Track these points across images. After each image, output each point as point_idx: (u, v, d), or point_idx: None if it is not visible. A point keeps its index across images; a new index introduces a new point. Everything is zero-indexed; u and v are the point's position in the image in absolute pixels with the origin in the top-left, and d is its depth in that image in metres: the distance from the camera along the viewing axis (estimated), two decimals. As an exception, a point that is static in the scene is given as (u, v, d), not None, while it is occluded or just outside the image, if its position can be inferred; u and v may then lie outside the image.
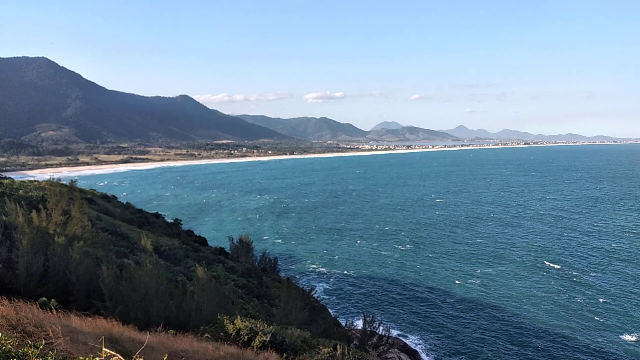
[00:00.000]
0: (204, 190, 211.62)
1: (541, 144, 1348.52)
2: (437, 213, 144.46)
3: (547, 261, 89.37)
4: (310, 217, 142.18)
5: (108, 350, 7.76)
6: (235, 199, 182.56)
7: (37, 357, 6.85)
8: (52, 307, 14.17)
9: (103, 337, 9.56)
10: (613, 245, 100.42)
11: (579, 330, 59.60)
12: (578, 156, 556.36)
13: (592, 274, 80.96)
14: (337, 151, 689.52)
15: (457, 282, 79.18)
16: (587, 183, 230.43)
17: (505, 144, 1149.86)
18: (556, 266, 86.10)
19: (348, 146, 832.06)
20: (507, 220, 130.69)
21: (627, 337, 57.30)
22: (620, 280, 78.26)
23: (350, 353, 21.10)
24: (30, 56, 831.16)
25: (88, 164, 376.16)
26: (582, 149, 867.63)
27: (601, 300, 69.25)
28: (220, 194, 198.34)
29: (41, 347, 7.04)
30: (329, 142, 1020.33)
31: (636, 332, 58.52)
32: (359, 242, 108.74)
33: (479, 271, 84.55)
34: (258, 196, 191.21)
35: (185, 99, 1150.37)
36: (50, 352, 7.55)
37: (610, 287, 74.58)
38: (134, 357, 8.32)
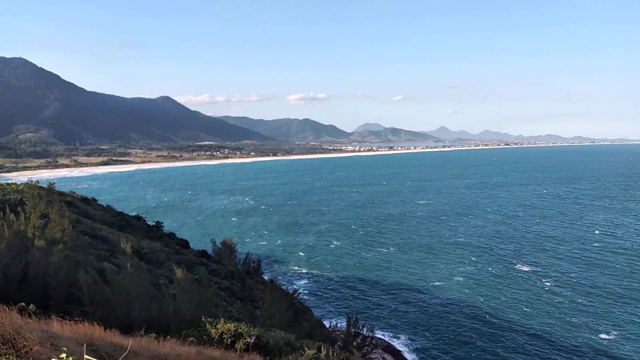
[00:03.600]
0: (185, 192, 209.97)
1: (521, 144, 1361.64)
2: (418, 214, 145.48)
3: (528, 261, 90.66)
4: (294, 218, 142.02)
5: (90, 358, 7.64)
6: (218, 201, 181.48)
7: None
8: (32, 312, 13.96)
9: (85, 343, 9.43)
10: (594, 245, 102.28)
11: (558, 330, 60.58)
12: (557, 156, 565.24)
13: (572, 275, 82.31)
14: (321, 152, 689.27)
15: (440, 282, 79.81)
16: (566, 183, 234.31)
17: (486, 145, 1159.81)
18: (536, 266, 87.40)
19: (331, 147, 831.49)
20: (489, 223, 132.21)
21: (605, 336, 58.43)
22: (598, 281, 79.74)
23: (335, 354, 21.14)
24: (7, 56, 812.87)
25: (67, 166, 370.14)
26: (561, 150, 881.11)
27: (580, 300, 70.42)
28: (202, 196, 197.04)
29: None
30: (312, 143, 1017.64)
31: (614, 331, 59.72)
32: (341, 243, 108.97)
33: (461, 271, 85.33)
34: (240, 197, 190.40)
35: (167, 100, 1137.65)
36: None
37: (589, 288, 75.90)
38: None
